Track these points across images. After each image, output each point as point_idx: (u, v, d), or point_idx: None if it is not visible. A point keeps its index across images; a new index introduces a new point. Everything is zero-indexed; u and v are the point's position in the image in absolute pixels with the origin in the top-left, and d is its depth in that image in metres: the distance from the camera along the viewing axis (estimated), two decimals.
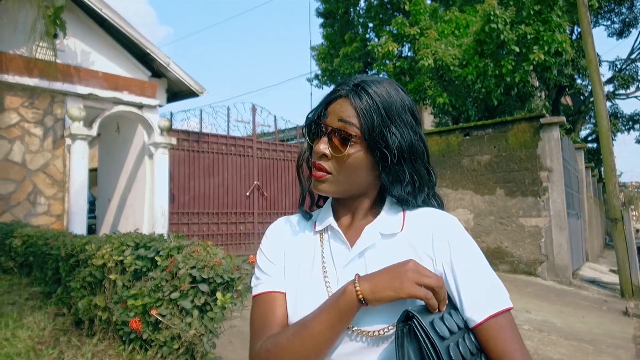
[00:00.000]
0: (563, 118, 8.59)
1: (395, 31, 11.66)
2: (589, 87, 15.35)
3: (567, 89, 15.69)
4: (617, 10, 18.07)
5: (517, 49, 9.54)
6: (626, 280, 7.82)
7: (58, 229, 6.32)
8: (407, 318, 0.77)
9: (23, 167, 7.22)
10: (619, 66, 18.79)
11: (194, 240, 3.16)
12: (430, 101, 10.81)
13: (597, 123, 8.64)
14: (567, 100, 19.74)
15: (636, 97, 20.04)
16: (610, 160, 8.21)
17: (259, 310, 0.90)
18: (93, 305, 3.29)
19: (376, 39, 13.96)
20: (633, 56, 18.75)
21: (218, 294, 2.73)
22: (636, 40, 18.83)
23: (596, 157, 18.05)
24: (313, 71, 23.37)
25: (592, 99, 10.65)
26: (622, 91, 18.84)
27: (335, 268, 0.89)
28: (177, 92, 9.31)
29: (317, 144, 0.89)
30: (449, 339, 0.76)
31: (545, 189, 8.33)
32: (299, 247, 0.96)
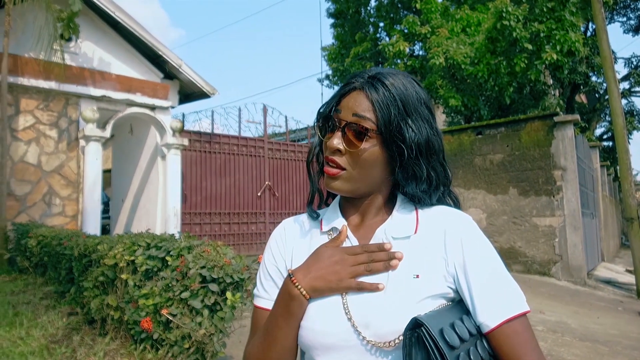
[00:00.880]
0: (577, 116, 8.48)
1: (406, 30, 11.62)
2: (604, 85, 15.11)
3: (582, 87, 15.49)
4: (633, 6, 17.75)
5: (530, 47, 9.44)
6: None
7: (72, 230, 6.41)
8: (416, 325, 0.73)
9: (38, 169, 7.33)
10: (635, 63, 18.46)
11: (204, 240, 3.18)
12: (442, 101, 10.75)
13: (613, 121, 8.51)
14: (582, 98, 19.46)
15: None
16: (626, 158, 8.08)
17: (254, 319, 0.93)
18: (105, 304, 3.33)
19: (387, 39, 13.91)
20: None
21: (228, 294, 2.74)
22: None
23: (612, 156, 17.75)
24: (324, 71, 23.44)
25: (607, 97, 10.49)
26: (638, 88, 18.52)
27: None
28: (189, 94, 9.39)
29: (331, 139, 0.84)
30: (460, 348, 0.72)
31: (559, 188, 8.23)
32: (306, 249, 0.91)
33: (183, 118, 10.12)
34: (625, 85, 18.26)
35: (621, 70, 25.11)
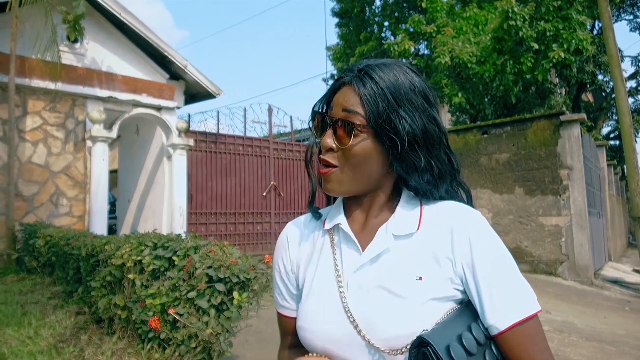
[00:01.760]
0: (583, 115, 8.43)
1: (411, 29, 11.59)
2: (611, 83, 15.02)
3: (588, 86, 15.39)
4: None
5: (537, 46, 9.40)
6: None
7: (79, 230, 6.46)
8: (421, 344, 0.70)
9: (46, 169, 7.39)
10: None
11: (211, 240, 3.20)
12: (447, 99, 10.73)
13: (619, 120, 8.46)
14: (588, 96, 19.35)
15: None
16: (632, 157, 8.03)
17: (279, 324, 0.99)
18: (113, 304, 3.35)
19: (392, 38, 13.88)
20: None
21: (234, 294, 2.76)
22: None
23: (618, 155, 17.65)
24: (329, 71, 23.43)
25: (614, 95, 10.43)
26: None
27: (344, 272, 0.84)
28: (195, 94, 9.42)
29: (324, 138, 0.83)
30: None
31: (565, 188, 8.19)
32: (310, 250, 0.91)
33: (189, 118, 10.16)
34: (632, 83, 18.15)
35: (628, 68, 24.96)
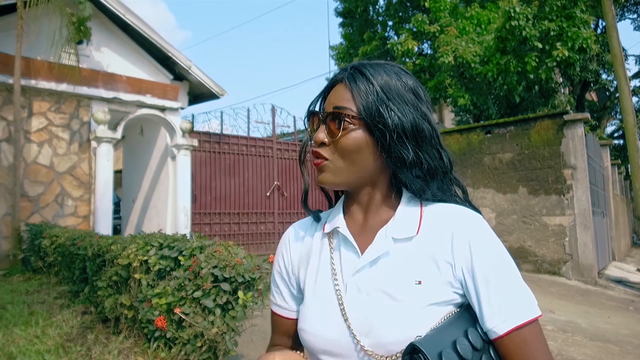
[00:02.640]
0: (587, 114, 8.41)
1: (414, 29, 11.60)
2: (615, 83, 14.97)
3: (592, 85, 15.35)
4: None
5: (541, 45, 9.38)
6: None
7: (85, 230, 6.50)
8: (413, 351, 0.69)
9: (51, 170, 7.43)
10: None
11: (216, 240, 3.22)
12: (450, 100, 10.73)
13: (623, 119, 8.45)
14: (592, 95, 19.29)
15: None
16: (636, 157, 8.01)
17: (271, 321, 1.00)
18: (119, 303, 3.38)
19: (395, 38, 13.88)
20: None
21: (240, 293, 2.78)
22: None
23: (622, 154, 17.58)
24: (332, 71, 23.44)
25: (618, 95, 10.41)
26: None
27: (343, 275, 0.84)
28: (198, 95, 9.46)
29: (316, 133, 0.84)
30: None
31: (569, 187, 8.18)
32: (310, 252, 0.91)
33: (192, 119, 10.20)
34: (636, 82, 18.10)
35: (632, 67, 24.87)
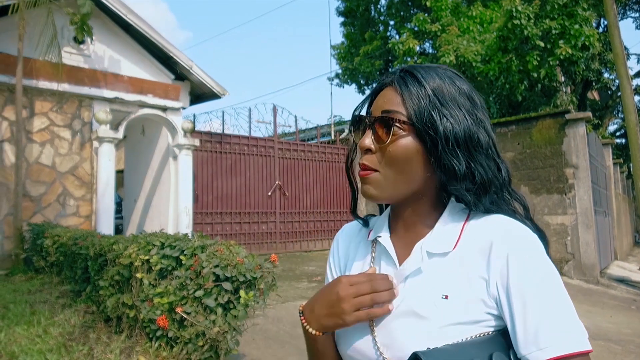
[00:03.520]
0: (589, 113, 8.39)
1: (416, 28, 11.59)
2: (617, 81, 14.94)
3: (594, 84, 15.32)
4: None
5: (542, 44, 9.37)
6: None
7: (87, 229, 6.52)
8: None
9: (53, 170, 7.45)
10: None
11: (217, 239, 3.22)
12: None
13: (625, 118, 8.42)
14: (594, 94, 19.26)
15: None
16: (638, 155, 7.99)
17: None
18: (121, 303, 3.39)
19: (397, 37, 13.88)
20: None
21: (241, 292, 2.78)
22: None
23: (624, 153, 17.55)
24: (333, 70, 23.44)
25: (620, 94, 10.38)
26: None
27: None
28: (200, 95, 9.46)
29: (362, 139, 0.79)
30: None
31: (571, 186, 8.17)
32: (354, 258, 0.90)
33: (194, 119, 10.24)
34: (638, 81, 18.06)
35: (634, 66, 24.80)
